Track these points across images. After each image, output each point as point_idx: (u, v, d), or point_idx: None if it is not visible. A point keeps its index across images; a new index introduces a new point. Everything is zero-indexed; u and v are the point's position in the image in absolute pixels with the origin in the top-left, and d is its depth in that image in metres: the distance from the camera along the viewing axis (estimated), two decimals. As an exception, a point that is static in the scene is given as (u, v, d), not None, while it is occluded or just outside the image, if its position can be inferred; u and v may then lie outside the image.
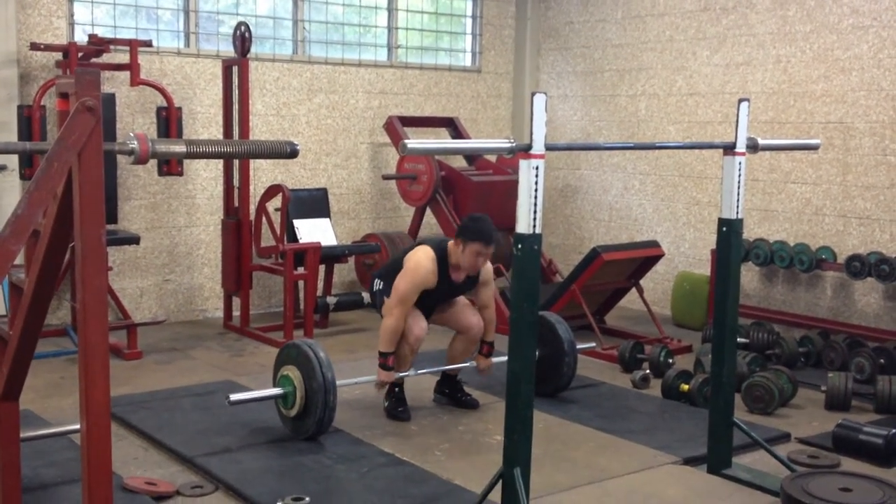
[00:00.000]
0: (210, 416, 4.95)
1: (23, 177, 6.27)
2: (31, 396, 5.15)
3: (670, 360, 5.91)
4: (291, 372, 4.51)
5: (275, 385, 4.66)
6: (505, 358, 4.93)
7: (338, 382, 4.50)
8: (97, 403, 2.56)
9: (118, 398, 5.08)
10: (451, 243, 4.95)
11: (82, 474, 2.62)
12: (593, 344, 6.06)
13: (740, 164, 4.11)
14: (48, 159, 2.47)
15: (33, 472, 4.07)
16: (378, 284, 5.11)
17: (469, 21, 8.91)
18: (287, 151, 3.07)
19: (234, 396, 4.52)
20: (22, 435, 3.21)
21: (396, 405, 5.03)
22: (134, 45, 6.38)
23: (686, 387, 5.35)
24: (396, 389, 5.06)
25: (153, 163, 6.65)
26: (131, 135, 2.67)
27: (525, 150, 3.29)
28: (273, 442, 4.57)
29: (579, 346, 5.53)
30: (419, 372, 5.09)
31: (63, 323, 6.65)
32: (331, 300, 6.95)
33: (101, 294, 2.55)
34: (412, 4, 8.48)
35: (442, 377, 5.32)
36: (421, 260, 4.86)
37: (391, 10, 8.33)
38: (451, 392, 5.28)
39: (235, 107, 6.77)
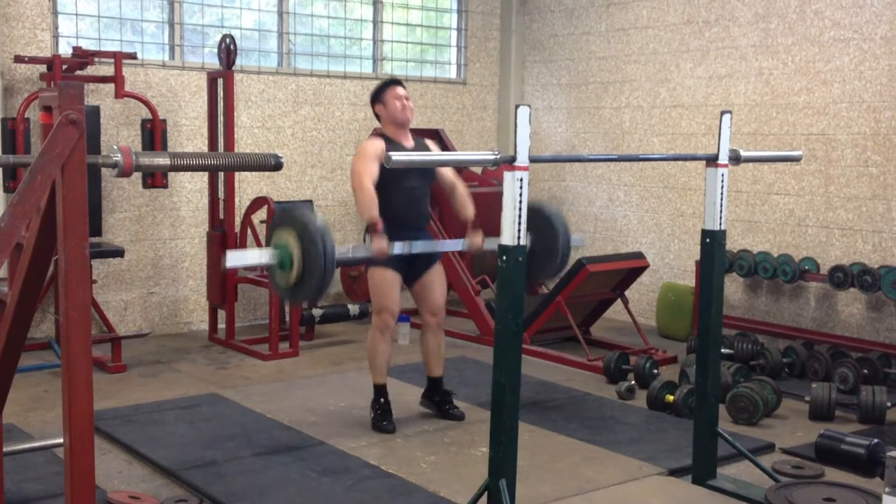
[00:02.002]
0: (195, 429, 4.93)
1: (6, 189, 6.24)
2: (15, 410, 5.12)
3: (655, 371, 5.92)
4: (289, 237, 4.02)
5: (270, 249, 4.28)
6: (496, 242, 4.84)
7: (338, 253, 4.05)
8: (80, 417, 2.55)
9: (102, 411, 5.05)
10: (377, 118, 5.17)
11: (65, 488, 2.61)
12: (583, 241, 5.80)
13: (723, 175, 4.14)
14: (31, 172, 2.47)
15: (16, 487, 4.04)
16: (368, 239, 5.03)
17: (454, 33, 8.95)
18: (271, 164, 3.08)
19: (230, 260, 4.21)
20: (5, 449, 3.19)
21: (381, 418, 5.02)
22: (118, 58, 6.37)
23: (671, 398, 5.37)
24: (382, 401, 5.05)
25: (138, 175, 6.63)
26: (115, 147, 2.67)
27: (509, 162, 3.30)
28: (258, 455, 4.56)
29: (573, 238, 5.30)
30: (413, 248, 4.81)
31: (47, 336, 6.62)
32: (316, 312, 6.94)
33: (85, 307, 2.54)
34: (398, 17, 8.51)
35: (429, 385, 5.31)
36: (363, 143, 5.09)
37: (376, 22, 8.36)
38: (440, 402, 5.27)
39: (221, 119, 6.77)
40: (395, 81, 5.17)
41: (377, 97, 5.12)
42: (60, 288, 2.54)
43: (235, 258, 4.37)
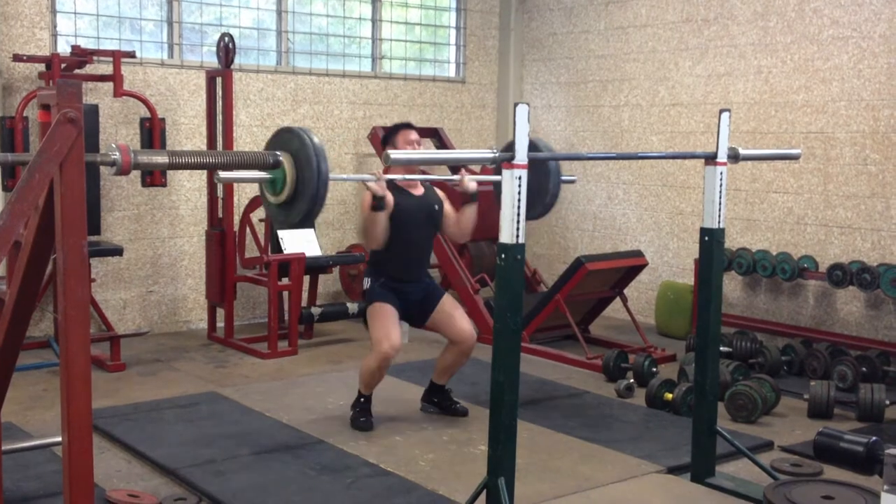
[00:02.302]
0: (194, 428, 4.93)
1: (5, 188, 6.24)
2: (14, 409, 5.12)
3: (654, 370, 5.93)
4: (283, 157, 3.86)
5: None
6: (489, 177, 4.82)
7: (332, 176, 4.04)
8: (79, 416, 2.55)
9: (101, 410, 5.06)
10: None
11: (64, 487, 2.61)
12: (575, 177, 5.75)
13: (721, 174, 4.14)
14: (30, 170, 2.47)
15: (15, 485, 4.04)
16: (367, 283, 5.07)
17: (453, 32, 8.94)
18: (270, 163, 3.08)
19: (223, 174, 4.17)
20: (3, 447, 3.19)
21: (359, 415, 5.01)
22: (117, 57, 6.37)
23: (670, 396, 5.37)
24: (362, 400, 5.05)
25: (136, 174, 6.63)
26: (113, 146, 2.66)
27: (508, 160, 3.30)
28: (257, 454, 4.56)
29: (563, 177, 5.26)
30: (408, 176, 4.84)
31: (46, 335, 6.62)
32: (315, 311, 6.93)
33: (83, 306, 2.54)
34: (396, 15, 8.51)
35: (430, 387, 5.32)
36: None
37: (375, 21, 8.35)
38: (441, 401, 5.27)
39: (219, 118, 6.77)
40: (406, 125, 5.08)
41: (388, 139, 5.04)
42: (59, 286, 2.54)
43: (228, 175, 4.36)
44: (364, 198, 4.82)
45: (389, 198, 4.79)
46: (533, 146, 4.85)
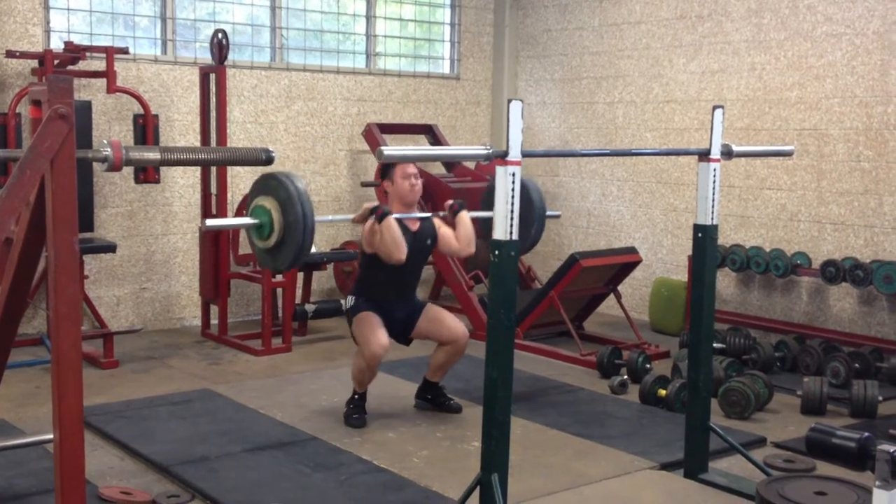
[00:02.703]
0: (187, 425, 4.92)
1: (-3, 185, 6.23)
2: (6, 406, 5.12)
3: (648, 366, 5.93)
4: (268, 202, 4.03)
5: (249, 214, 4.16)
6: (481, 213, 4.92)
7: (316, 219, 4.07)
8: (70, 413, 2.55)
9: (94, 407, 5.05)
10: (384, 195, 5.08)
11: (56, 484, 2.60)
12: (559, 213, 5.87)
13: (715, 170, 4.14)
14: (20, 167, 2.46)
15: (7, 482, 4.03)
16: (350, 301, 5.09)
17: (447, 28, 8.94)
18: (262, 159, 3.08)
19: (209, 222, 4.26)
20: (-5, 445, 3.19)
21: (353, 412, 5.01)
22: (110, 53, 6.35)
23: (663, 392, 5.38)
24: (357, 397, 5.04)
25: (130, 170, 6.62)
26: (105, 142, 2.66)
27: (502, 157, 3.30)
28: (250, 451, 4.55)
29: (549, 213, 5.35)
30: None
31: (39, 332, 6.60)
32: (309, 308, 6.93)
33: (75, 302, 2.54)
34: (391, 12, 8.49)
35: (424, 383, 5.32)
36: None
37: (370, 17, 8.34)
38: (434, 397, 5.28)
39: (213, 114, 6.75)
40: None
41: (386, 173, 5.04)
42: (50, 283, 2.53)
43: (214, 222, 4.42)
44: (364, 229, 4.86)
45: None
46: (524, 187, 4.95)
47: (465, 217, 5.01)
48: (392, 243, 4.76)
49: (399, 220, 4.89)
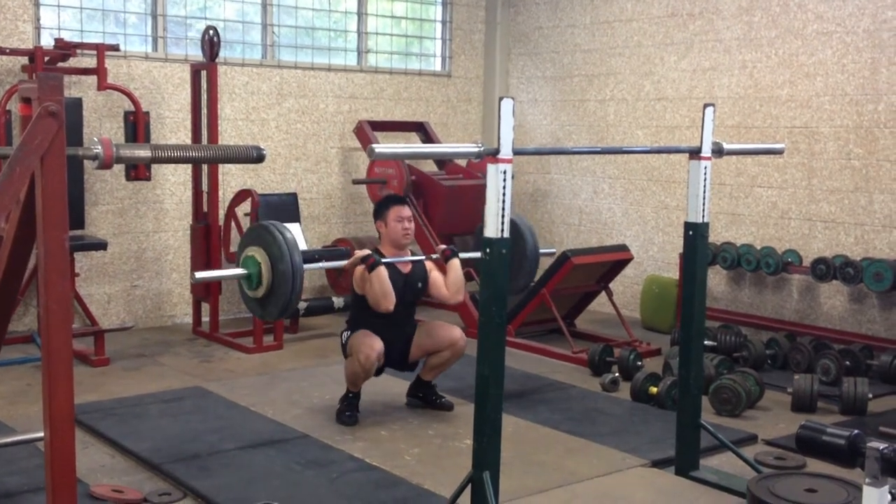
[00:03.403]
0: (178, 422, 4.91)
1: (-12, 182, 6.19)
2: (-3, 404, 5.11)
3: (639, 363, 5.94)
4: (257, 253, 4.14)
5: (239, 265, 4.27)
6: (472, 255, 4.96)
7: (305, 267, 4.21)
8: (60, 411, 2.54)
9: (85, 405, 5.04)
10: (378, 234, 5.10)
11: (46, 482, 2.60)
12: (554, 249, 5.98)
13: (706, 168, 4.15)
14: (10, 164, 2.45)
15: (-2, 481, 4.03)
16: (345, 337, 5.06)
17: (439, 26, 8.93)
18: (253, 156, 3.08)
19: (199, 274, 4.32)
20: (-14, 443, 3.18)
21: (345, 409, 5.00)
22: (101, 50, 6.33)
23: (655, 389, 5.39)
24: (350, 395, 5.04)
25: (121, 168, 6.60)
26: (95, 140, 2.65)
27: (493, 155, 3.30)
28: (242, 448, 4.55)
29: (542, 250, 5.44)
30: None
31: (29, 329, 6.58)
32: (301, 305, 6.92)
33: (65, 300, 2.53)
34: (382, 9, 8.49)
35: (416, 381, 5.32)
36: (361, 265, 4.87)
37: (361, 14, 8.33)
38: (426, 395, 5.28)
39: (204, 111, 6.74)
40: (398, 200, 5.07)
41: (380, 214, 5.04)
42: (40, 281, 2.53)
43: (204, 274, 4.49)
44: (355, 273, 4.88)
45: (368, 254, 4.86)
46: (514, 224, 5.00)
47: (457, 264, 5.04)
48: (381, 293, 4.77)
49: (391, 264, 4.90)
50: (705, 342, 4.81)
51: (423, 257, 5.13)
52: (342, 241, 7.70)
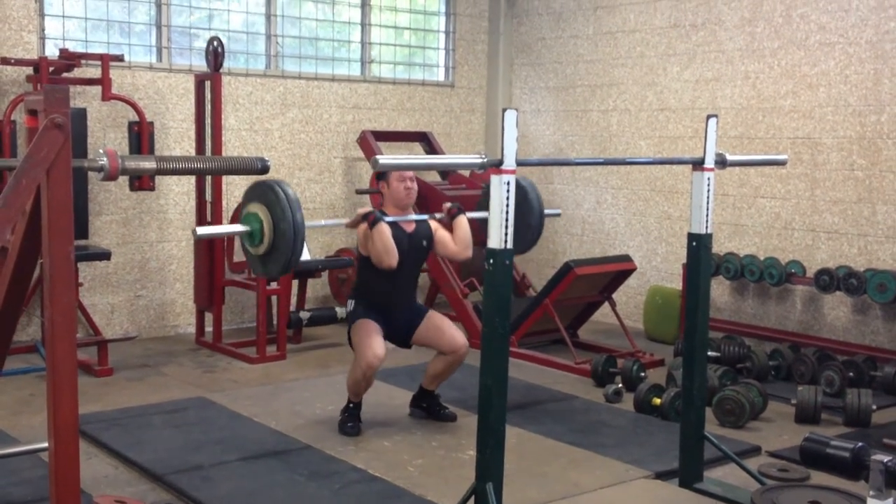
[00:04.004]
0: (182, 433, 4.91)
1: (-8, 192, 6.20)
2: (1, 414, 5.11)
3: (643, 374, 5.93)
4: (259, 210, 4.07)
5: (241, 221, 4.18)
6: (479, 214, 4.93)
7: (307, 224, 4.10)
8: (65, 422, 2.54)
9: (88, 415, 5.04)
10: (380, 195, 5.11)
11: (50, 493, 2.60)
12: (559, 211, 5.92)
13: (709, 179, 4.16)
14: (16, 176, 2.46)
15: (2, 491, 4.02)
16: (350, 305, 5.09)
17: (442, 36, 8.95)
18: (258, 167, 3.09)
19: (199, 230, 4.30)
20: (-10, 454, 3.18)
21: (347, 420, 5.00)
22: (105, 60, 6.35)
23: (658, 401, 5.38)
24: (351, 406, 5.04)
25: (125, 178, 6.61)
26: (101, 151, 2.67)
27: (496, 166, 3.31)
28: (245, 460, 4.54)
29: (547, 211, 5.39)
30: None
31: (33, 339, 6.58)
32: (304, 315, 6.92)
33: (70, 312, 2.53)
34: (386, 20, 8.51)
35: (419, 391, 5.32)
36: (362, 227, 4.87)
37: (365, 25, 8.35)
38: (429, 406, 5.27)
39: (208, 121, 6.75)
40: None
41: (382, 176, 5.04)
42: (45, 292, 2.53)
43: (205, 230, 4.45)
44: (359, 232, 4.88)
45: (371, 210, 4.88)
46: (519, 185, 4.97)
47: (464, 220, 5.02)
48: (383, 249, 4.77)
49: (394, 223, 4.90)
50: (709, 353, 4.80)
51: (427, 216, 5.10)
52: (345, 251, 7.71)
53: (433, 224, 5.12)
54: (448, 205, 5.12)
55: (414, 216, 5.07)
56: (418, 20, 8.77)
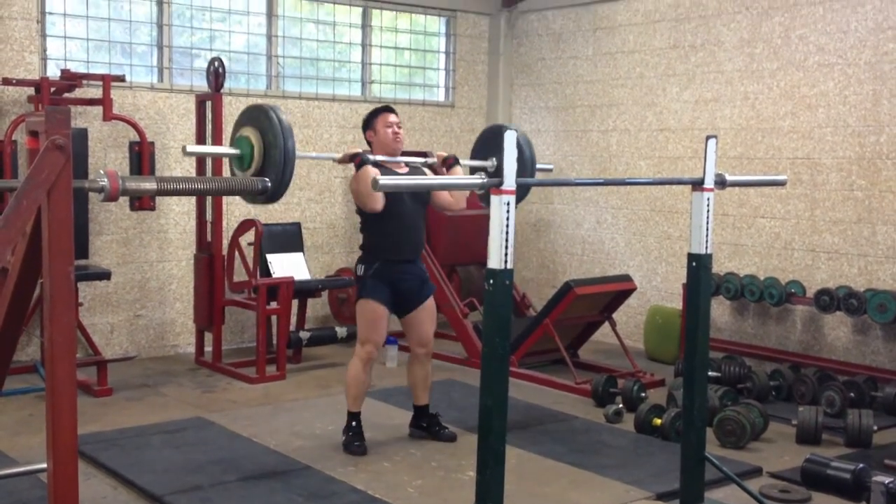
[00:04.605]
0: (180, 454, 4.90)
1: (-7, 212, 6.21)
2: (0, 434, 5.09)
3: (643, 394, 5.92)
4: (252, 135, 4.02)
5: (232, 144, 4.17)
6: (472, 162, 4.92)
7: (298, 154, 4.08)
8: (64, 443, 2.53)
9: (87, 436, 5.02)
10: (369, 145, 5.13)
11: (48, 515, 2.59)
12: (551, 166, 5.88)
13: (709, 199, 4.16)
14: (17, 197, 2.47)
15: (-1, 513, 4.01)
16: (360, 270, 5.06)
17: (442, 57, 8.99)
18: (258, 188, 3.09)
19: (189, 148, 4.23)
20: (-12, 475, 3.17)
21: (353, 439, 5.00)
22: (107, 80, 6.37)
23: (659, 421, 5.36)
24: (353, 423, 5.03)
25: (125, 198, 6.61)
26: (101, 172, 2.67)
27: (496, 186, 3.31)
28: (244, 480, 4.53)
29: (539, 165, 5.29)
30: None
31: (32, 359, 6.57)
32: (304, 335, 6.92)
33: (69, 332, 2.53)
34: (386, 40, 8.55)
35: (416, 412, 5.31)
36: (357, 172, 4.86)
37: (365, 45, 8.39)
38: (429, 426, 5.27)
39: (209, 142, 6.77)
40: (386, 108, 5.13)
41: (368, 124, 5.09)
42: (45, 313, 2.53)
43: (195, 148, 4.39)
44: (350, 184, 4.90)
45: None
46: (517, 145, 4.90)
47: (459, 171, 5.01)
48: (366, 192, 4.76)
49: (386, 168, 4.93)
50: (709, 373, 4.79)
51: (421, 161, 5.11)
52: (345, 271, 7.71)
53: (428, 173, 5.14)
54: (444, 154, 5.10)
55: (405, 158, 5.07)
56: (419, 41, 8.81)
